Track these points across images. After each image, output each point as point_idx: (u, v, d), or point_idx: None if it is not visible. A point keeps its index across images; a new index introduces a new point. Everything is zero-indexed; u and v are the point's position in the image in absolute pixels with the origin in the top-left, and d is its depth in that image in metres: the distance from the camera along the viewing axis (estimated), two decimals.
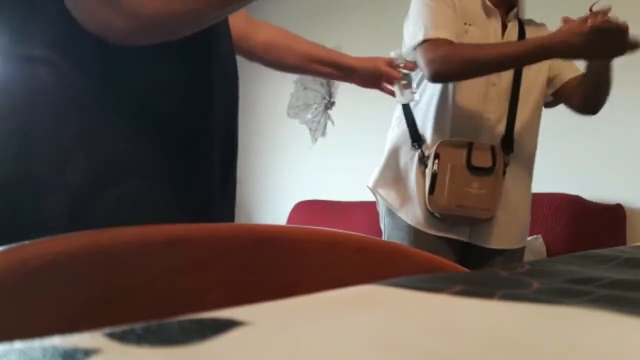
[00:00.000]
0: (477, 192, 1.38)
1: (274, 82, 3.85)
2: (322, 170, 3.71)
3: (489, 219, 1.42)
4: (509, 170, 1.44)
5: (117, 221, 0.45)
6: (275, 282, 0.49)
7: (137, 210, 0.59)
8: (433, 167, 1.39)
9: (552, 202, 2.35)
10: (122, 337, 0.18)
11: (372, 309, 0.24)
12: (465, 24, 1.39)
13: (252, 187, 3.98)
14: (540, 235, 2.31)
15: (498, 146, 1.41)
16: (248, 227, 0.50)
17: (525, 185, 1.51)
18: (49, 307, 0.38)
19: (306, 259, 0.50)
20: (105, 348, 0.17)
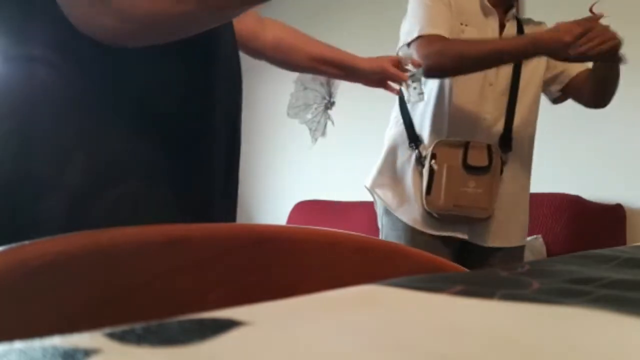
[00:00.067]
0: (474, 191, 1.38)
1: (274, 82, 3.86)
2: (322, 170, 3.71)
3: (487, 218, 1.42)
4: (507, 169, 1.44)
5: (117, 221, 0.45)
6: (275, 282, 0.49)
7: (137, 210, 0.59)
8: (430, 168, 1.39)
9: (552, 202, 2.36)
10: (122, 337, 0.18)
11: (372, 309, 0.24)
12: (462, 24, 1.39)
13: (252, 187, 3.98)
14: (540, 235, 2.31)
15: (495, 145, 1.42)
16: (248, 227, 0.50)
17: (524, 184, 1.51)
18: (49, 307, 0.38)
19: (306, 259, 0.50)
20: (105, 348, 0.17)
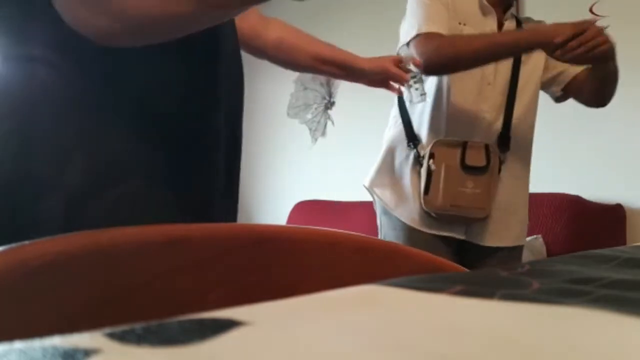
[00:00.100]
0: (472, 191, 1.38)
1: (274, 82, 3.85)
2: (322, 170, 3.71)
3: (484, 218, 1.42)
4: (505, 168, 1.44)
5: (117, 221, 0.45)
6: (275, 282, 0.49)
7: (136, 210, 0.59)
8: (428, 167, 1.39)
9: (552, 202, 2.36)
10: (122, 337, 0.18)
11: (372, 309, 0.24)
12: (460, 23, 1.39)
13: (252, 187, 3.98)
14: (540, 235, 2.31)
15: (493, 144, 1.42)
16: (248, 227, 0.50)
17: (522, 183, 1.51)
18: (49, 307, 0.38)
19: (306, 259, 0.50)
20: (105, 348, 0.17)
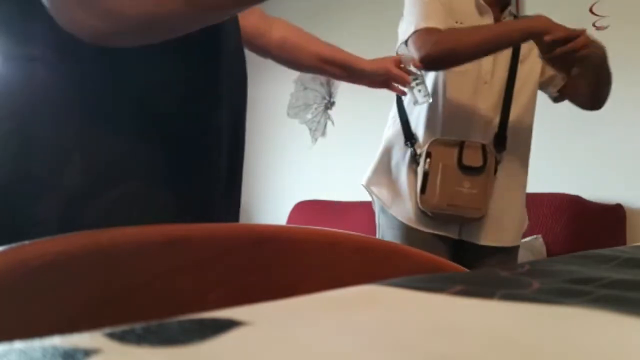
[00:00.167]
0: (469, 191, 1.38)
1: (274, 82, 3.86)
2: (322, 170, 3.71)
3: (480, 217, 1.43)
4: (501, 168, 1.44)
5: (117, 221, 0.45)
6: (275, 282, 0.49)
7: (136, 210, 0.59)
8: (424, 166, 1.40)
9: (552, 202, 2.36)
10: (122, 337, 0.18)
11: (372, 309, 0.24)
12: (457, 22, 1.40)
13: (252, 187, 3.98)
14: (540, 235, 2.31)
15: (490, 144, 1.42)
16: (248, 227, 0.50)
17: (519, 183, 1.51)
18: (49, 307, 0.38)
19: (306, 259, 0.50)
20: (105, 348, 0.17)
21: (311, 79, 3.76)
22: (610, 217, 2.32)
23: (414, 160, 1.44)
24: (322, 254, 0.51)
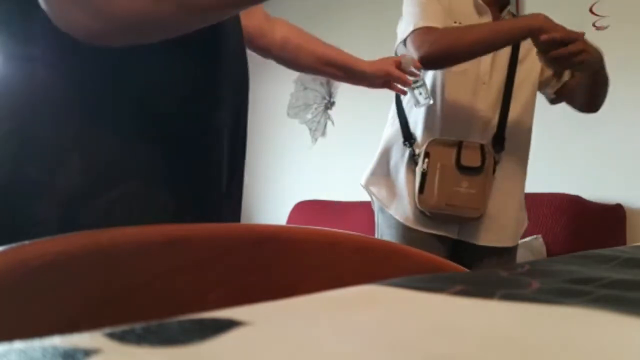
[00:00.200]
0: (467, 191, 1.39)
1: (274, 82, 3.86)
2: (322, 170, 3.71)
3: (478, 217, 1.43)
4: (500, 168, 1.44)
5: (117, 221, 0.45)
6: (275, 282, 0.49)
7: (136, 210, 0.59)
8: (423, 166, 1.40)
9: (552, 202, 2.36)
10: (122, 337, 0.18)
11: (372, 309, 0.24)
12: (455, 22, 1.40)
13: (252, 187, 3.98)
14: (540, 235, 2.31)
15: (489, 144, 1.42)
16: (248, 227, 0.50)
17: (518, 183, 1.51)
18: (49, 307, 0.38)
19: (306, 259, 0.50)
20: (105, 348, 0.17)
21: (311, 79, 3.76)
22: (610, 217, 2.32)
23: (413, 160, 1.44)
24: (322, 254, 0.51)
